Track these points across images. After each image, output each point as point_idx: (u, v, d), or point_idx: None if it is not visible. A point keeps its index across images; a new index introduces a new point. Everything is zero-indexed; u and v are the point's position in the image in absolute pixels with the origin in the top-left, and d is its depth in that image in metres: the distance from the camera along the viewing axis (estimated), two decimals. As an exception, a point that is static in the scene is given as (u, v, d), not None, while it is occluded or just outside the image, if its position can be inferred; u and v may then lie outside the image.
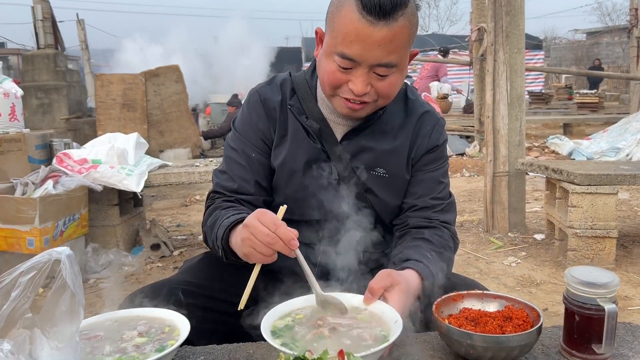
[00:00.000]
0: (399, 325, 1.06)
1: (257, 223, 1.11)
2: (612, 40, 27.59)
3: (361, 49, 1.21)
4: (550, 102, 13.59)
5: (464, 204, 5.27)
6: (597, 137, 7.77)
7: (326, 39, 1.30)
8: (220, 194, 1.43)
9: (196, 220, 5.19)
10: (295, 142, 1.42)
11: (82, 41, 13.30)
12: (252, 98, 1.48)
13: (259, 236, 1.10)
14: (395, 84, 1.31)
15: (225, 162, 1.47)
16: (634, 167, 3.61)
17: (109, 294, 3.20)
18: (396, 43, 1.22)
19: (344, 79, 1.28)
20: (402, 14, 1.20)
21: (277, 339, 1.06)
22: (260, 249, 1.11)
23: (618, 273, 3.32)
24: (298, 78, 1.50)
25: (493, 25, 3.98)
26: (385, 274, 1.19)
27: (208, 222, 1.38)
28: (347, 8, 1.21)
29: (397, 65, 1.26)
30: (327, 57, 1.29)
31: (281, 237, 1.09)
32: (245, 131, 1.45)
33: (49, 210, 3.09)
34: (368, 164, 1.43)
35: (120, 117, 8.70)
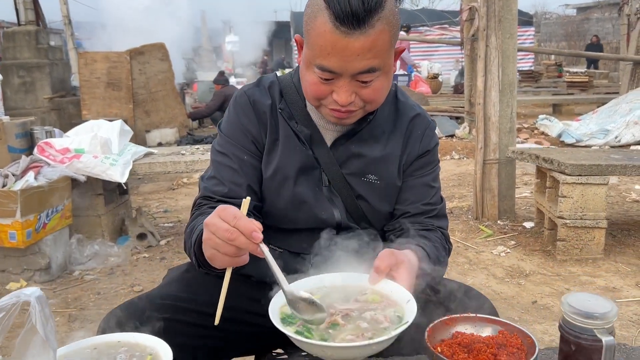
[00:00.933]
0: (413, 304, 1.04)
1: (217, 219, 1.01)
2: (603, 16, 27.46)
3: (339, 61, 1.15)
4: (540, 80, 13.55)
5: (454, 189, 5.26)
6: (586, 119, 7.76)
7: (304, 49, 1.24)
8: (208, 199, 1.36)
9: (183, 205, 5.13)
10: (287, 148, 1.37)
11: (65, 16, 12.94)
12: (240, 100, 1.41)
13: (219, 233, 0.99)
14: (381, 89, 1.25)
15: (214, 167, 1.40)
16: (624, 156, 3.59)
17: (94, 287, 3.15)
18: (376, 49, 1.15)
19: (327, 89, 1.22)
20: (379, 18, 1.13)
21: (288, 327, 1.02)
22: (223, 248, 1.01)
23: (606, 263, 3.33)
24: (285, 81, 1.44)
25: (485, 10, 3.90)
26: (388, 253, 1.15)
27: (188, 228, 1.31)
28: (321, 19, 1.14)
29: (380, 69, 1.20)
30: (307, 69, 1.23)
31: (242, 231, 0.98)
32: (234, 134, 1.39)
33: (31, 202, 3.02)
34: (359, 170, 1.39)
35: (105, 97, 8.53)
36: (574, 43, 26.16)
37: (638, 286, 3.02)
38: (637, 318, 2.66)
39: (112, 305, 2.89)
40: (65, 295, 3.02)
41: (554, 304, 2.84)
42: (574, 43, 26.16)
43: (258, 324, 1.43)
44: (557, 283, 3.09)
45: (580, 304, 1.06)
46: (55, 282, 3.20)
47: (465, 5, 7.05)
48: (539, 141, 7.11)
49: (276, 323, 1.01)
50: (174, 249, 3.74)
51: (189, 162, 3.56)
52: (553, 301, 2.87)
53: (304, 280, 1.19)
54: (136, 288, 3.09)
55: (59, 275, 3.27)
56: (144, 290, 3.07)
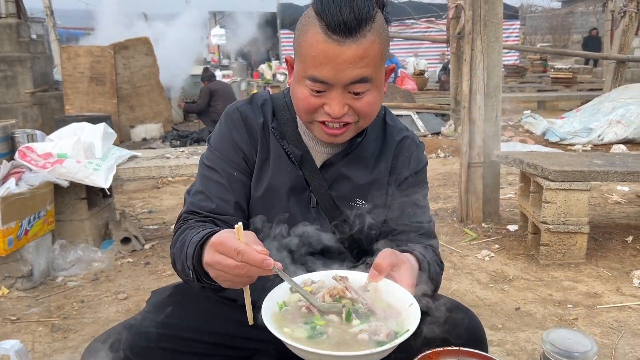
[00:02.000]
0: (415, 308, 1.03)
1: (219, 257, 1.01)
2: (587, 10, 27.68)
3: (331, 70, 1.17)
4: (525, 76, 13.64)
5: (439, 189, 5.28)
6: (570, 117, 7.84)
7: (296, 65, 1.26)
8: (195, 214, 1.34)
9: (168, 206, 5.10)
10: (279, 168, 1.37)
11: (47, 7, 12.71)
12: (233, 116, 1.40)
13: (228, 270, 1.00)
14: (374, 103, 1.26)
15: (201, 182, 1.38)
16: (606, 161, 3.63)
17: (78, 294, 3.13)
18: (367, 59, 1.17)
19: (319, 102, 1.23)
20: (370, 29, 1.15)
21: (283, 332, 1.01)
22: (237, 280, 1.02)
23: (588, 268, 3.38)
24: (278, 100, 1.44)
25: (471, 14, 3.90)
26: (389, 252, 1.15)
27: (177, 243, 1.28)
28: (312, 30, 1.17)
29: (371, 81, 1.21)
30: (299, 83, 1.24)
31: (251, 264, 0.98)
32: (225, 149, 1.38)
33: (12, 210, 2.97)
34: (347, 193, 1.40)
35: (88, 91, 8.42)
36: (558, 36, 26.37)
37: (619, 291, 3.07)
38: (618, 325, 2.70)
39: (96, 314, 2.88)
40: (48, 303, 2.99)
41: (537, 310, 2.87)
42: (558, 36, 26.37)
43: (245, 348, 1.43)
44: (540, 289, 3.12)
45: (560, 343, 1.08)
46: (37, 289, 3.17)
47: (451, 4, 7.06)
48: (524, 139, 7.16)
49: (272, 330, 0.99)
50: (158, 253, 3.72)
51: (174, 166, 3.53)
52: (536, 307, 2.90)
53: (303, 277, 1.18)
54: (120, 295, 3.07)
55: (42, 282, 3.24)
56: (128, 298, 3.05)
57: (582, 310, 2.85)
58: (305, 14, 1.22)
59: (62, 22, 22.61)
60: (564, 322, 2.74)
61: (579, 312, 2.83)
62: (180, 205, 5.05)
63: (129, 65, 8.68)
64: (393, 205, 1.45)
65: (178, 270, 1.28)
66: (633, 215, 4.37)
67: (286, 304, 1.12)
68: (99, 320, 2.80)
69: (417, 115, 8.03)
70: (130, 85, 8.71)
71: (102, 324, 2.75)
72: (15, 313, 2.87)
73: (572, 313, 2.82)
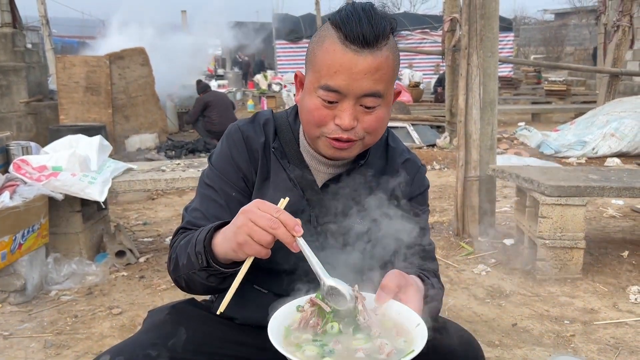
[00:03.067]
0: (423, 328, 1.03)
1: (257, 209, 1.07)
2: (580, 22, 27.94)
3: (347, 79, 1.18)
4: (519, 88, 13.72)
5: (435, 202, 5.28)
6: (564, 129, 7.88)
7: (308, 78, 1.26)
8: (191, 230, 1.34)
9: (163, 217, 5.07)
10: (279, 188, 1.37)
11: (42, 16, 12.72)
12: (234, 135, 1.41)
13: (260, 221, 1.05)
14: (383, 119, 1.27)
15: (200, 200, 1.39)
16: (601, 176, 3.64)
17: (71, 308, 3.09)
18: (381, 72, 1.19)
19: (330, 114, 1.23)
20: (385, 44, 1.19)
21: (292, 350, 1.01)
22: (259, 235, 1.05)
23: (585, 283, 3.38)
24: (280, 119, 1.45)
25: (467, 29, 3.92)
26: (397, 273, 1.15)
27: (178, 247, 1.29)
28: (329, 41, 1.19)
29: (383, 97, 1.23)
30: (310, 94, 1.24)
31: (284, 223, 1.05)
32: (224, 169, 1.39)
33: (6, 223, 2.94)
34: (347, 214, 1.40)
35: (83, 101, 8.39)
36: (552, 48, 26.57)
37: (615, 307, 3.07)
38: (615, 342, 2.69)
39: (90, 329, 2.85)
40: (41, 318, 2.96)
41: (533, 326, 2.86)
42: (552, 48, 26.57)
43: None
44: (537, 304, 3.12)
45: (564, 370, 1.07)
46: (30, 303, 3.13)
47: (446, 17, 7.11)
48: (519, 152, 7.19)
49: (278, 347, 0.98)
50: (153, 267, 3.69)
51: (169, 179, 3.51)
52: (533, 324, 2.89)
53: (306, 298, 1.17)
54: (114, 310, 3.04)
55: (35, 296, 3.20)
56: (122, 313, 3.02)
57: (579, 327, 2.84)
58: (322, 27, 1.25)
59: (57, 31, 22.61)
60: (561, 339, 2.73)
61: (576, 329, 2.82)
62: (175, 217, 5.03)
63: (124, 75, 8.67)
64: (393, 227, 1.44)
65: (179, 268, 1.28)
66: (628, 229, 4.38)
67: (291, 327, 1.11)
68: (93, 336, 2.76)
69: (412, 127, 8.05)
70: (126, 95, 8.70)
71: (96, 339, 2.72)
72: (8, 328, 2.83)
73: (569, 329, 2.81)
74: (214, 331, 1.42)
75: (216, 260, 1.17)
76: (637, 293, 3.19)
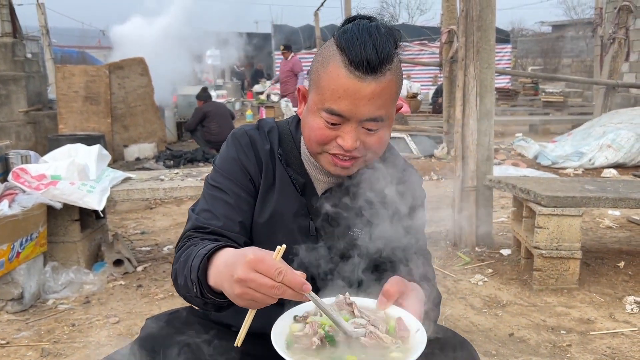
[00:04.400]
0: (422, 334, 1.04)
1: (255, 275, 0.97)
2: (577, 34, 28.12)
3: (350, 105, 1.20)
4: (516, 99, 13.79)
5: (432, 212, 5.29)
6: (562, 140, 7.92)
7: (311, 96, 1.28)
8: (200, 230, 1.33)
9: (161, 227, 5.08)
10: (284, 195, 1.40)
11: (43, 26, 12.78)
12: (241, 139, 1.42)
13: (262, 289, 0.97)
14: (384, 139, 1.30)
15: (208, 200, 1.39)
16: (598, 187, 3.67)
17: (69, 317, 3.09)
18: (384, 97, 1.21)
19: (332, 135, 1.26)
20: (389, 69, 1.20)
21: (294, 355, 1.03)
22: (264, 301, 0.99)
23: (581, 293, 3.38)
24: (283, 127, 1.47)
25: (464, 41, 3.96)
26: (398, 279, 1.17)
27: (181, 258, 1.27)
28: (334, 64, 1.20)
29: (385, 120, 1.25)
30: (313, 114, 1.26)
31: (290, 286, 0.97)
32: (232, 170, 1.39)
33: (4, 232, 2.95)
34: (346, 223, 1.42)
35: (82, 111, 8.43)
36: (549, 60, 26.71)
37: (612, 318, 3.08)
38: (611, 352, 2.70)
39: (87, 338, 2.85)
40: (38, 327, 2.96)
41: (530, 336, 2.87)
42: (549, 60, 26.71)
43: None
44: (534, 314, 3.12)
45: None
46: (28, 312, 3.13)
47: (444, 28, 7.17)
48: (516, 162, 7.22)
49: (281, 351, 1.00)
50: (150, 276, 3.70)
51: (168, 188, 3.53)
52: (529, 333, 2.90)
53: (309, 304, 1.18)
54: (112, 319, 3.04)
55: (32, 304, 3.20)
56: (119, 322, 3.02)
57: (575, 337, 2.85)
58: (326, 46, 1.26)
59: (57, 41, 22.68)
60: (558, 349, 2.73)
61: (573, 339, 2.83)
62: (173, 226, 5.04)
63: (123, 85, 8.71)
64: (390, 237, 1.46)
65: (179, 285, 1.25)
66: (624, 240, 4.40)
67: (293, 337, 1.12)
68: (90, 345, 2.76)
69: (410, 138, 8.09)
70: (125, 105, 8.73)
71: (93, 348, 2.72)
72: (5, 337, 2.83)
73: (565, 339, 2.82)
74: (211, 339, 1.42)
75: (212, 291, 1.11)
76: (634, 303, 3.20)
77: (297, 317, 1.15)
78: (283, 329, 1.11)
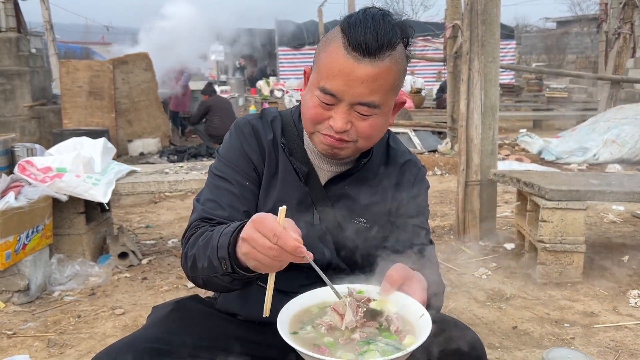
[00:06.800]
0: (427, 319, 1.05)
1: (256, 234, 1.02)
2: (582, 31, 28.00)
3: (343, 85, 1.20)
4: (520, 94, 13.75)
5: (436, 207, 5.30)
6: (566, 136, 7.90)
7: (312, 75, 1.30)
8: (207, 221, 1.33)
9: (165, 221, 5.09)
10: (287, 183, 1.40)
11: (47, 21, 12.78)
12: (244, 129, 1.43)
13: (261, 250, 1.01)
14: (377, 127, 1.29)
15: (212, 190, 1.39)
16: (602, 181, 3.66)
17: (74, 309, 3.11)
18: (379, 83, 1.20)
19: (325, 115, 1.26)
20: (389, 55, 1.19)
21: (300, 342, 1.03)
22: (266, 261, 1.03)
23: (585, 287, 3.39)
24: (286, 117, 1.48)
25: (469, 34, 3.96)
26: (401, 266, 1.17)
27: (199, 242, 1.26)
28: (334, 45, 1.21)
29: (379, 107, 1.24)
30: (310, 92, 1.27)
31: (285, 248, 1.00)
32: (236, 160, 1.40)
33: (11, 223, 2.97)
34: (349, 212, 1.43)
35: (86, 106, 8.44)
36: (554, 56, 26.62)
37: (615, 311, 3.08)
38: (615, 345, 2.70)
39: (93, 329, 2.87)
40: (44, 318, 2.98)
41: (534, 329, 2.87)
42: (554, 56, 26.62)
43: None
44: (537, 307, 3.13)
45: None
46: (34, 303, 3.15)
47: (448, 23, 7.16)
48: (520, 158, 7.21)
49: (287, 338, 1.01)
50: (155, 269, 3.71)
51: (173, 181, 3.54)
52: (533, 326, 2.90)
53: (312, 292, 1.20)
54: (117, 311, 3.05)
55: (38, 296, 3.22)
56: (125, 313, 3.04)
57: (579, 330, 2.85)
58: (332, 30, 1.28)
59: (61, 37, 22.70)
60: (561, 342, 2.74)
61: (576, 332, 2.83)
62: (177, 220, 5.05)
63: (127, 80, 8.72)
64: (394, 227, 1.47)
65: (199, 268, 1.25)
66: (629, 234, 4.40)
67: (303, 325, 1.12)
68: (96, 336, 2.78)
69: (413, 133, 8.08)
70: (129, 99, 8.74)
71: (98, 339, 2.74)
72: (12, 328, 2.85)
73: (569, 332, 2.83)
74: (217, 327, 1.43)
75: (241, 266, 1.14)
76: (637, 297, 3.20)
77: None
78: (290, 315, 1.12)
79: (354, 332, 1.07)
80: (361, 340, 1.05)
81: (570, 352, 1.03)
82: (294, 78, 18.86)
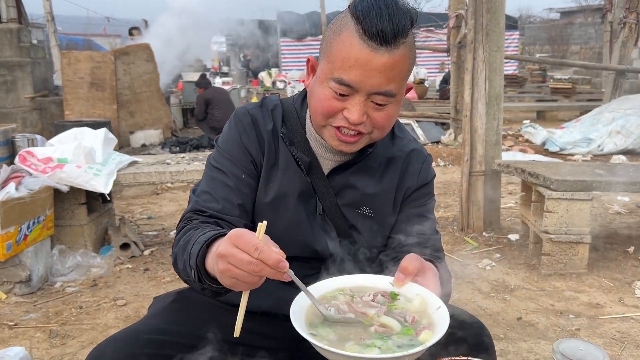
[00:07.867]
0: (445, 311, 1.02)
1: (235, 250, 0.96)
2: (585, 21, 27.83)
3: (360, 75, 1.16)
4: (524, 86, 13.68)
5: (439, 198, 5.27)
6: (570, 127, 7.84)
7: (321, 66, 1.25)
8: (199, 213, 1.32)
9: (167, 212, 5.08)
10: (288, 174, 1.37)
11: (48, 12, 12.73)
12: (243, 119, 1.39)
13: (241, 265, 0.95)
14: (392, 116, 1.26)
15: (208, 182, 1.37)
16: (608, 171, 3.62)
17: (76, 300, 3.10)
18: (396, 71, 1.18)
19: (339, 106, 1.22)
20: (403, 43, 1.16)
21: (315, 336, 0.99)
22: (245, 278, 0.97)
23: (590, 278, 3.36)
24: (287, 105, 1.44)
25: (473, 23, 3.91)
26: (414, 256, 1.14)
27: (181, 241, 1.25)
28: (347, 33, 1.17)
29: (395, 96, 1.22)
30: (322, 84, 1.23)
31: (266, 263, 0.95)
32: (233, 152, 1.37)
33: (12, 214, 2.95)
34: (354, 201, 1.40)
35: (88, 97, 8.41)
36: (557, 47, 26.49)
37: (621, 302, 3.05)
38: (620, 336, 2.68)
39: (95, 320, 2.85)
40: (46, 309, 2.96)
41: (538, 320, 2.85)
42: (557, 47, 26.49)
43: (249, 355, 1.41)
44: (542, 298, 3.10)
45: (572, 353, 1.06)
46: (35, 294, 3.14)
47: (452, 13, 7.09)
48: (524, 149, 7.17)
49: (303, 332, 0.98)
50: (157, 260, 3.70)
51: (174, 172, 3.51)
52: (538, 317, 2.88)
53: (325, 282, 1.17)
54: (119, 302, 3.04)
55: (40, 287, 3.21)
56: (126, 304, 3.03)
57: (584, 321, 2.83)
58: (340, 16, 1.23)
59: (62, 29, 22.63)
60: (566, 333, 2.72)
61: (581, 323, 2.81)
62: (179, 211, 5.03)
63: (129, 71, 8.68)
64: (400, 216, 1.44)
65: (179, 269, 1.25)
66: (634, 225, 4.36)
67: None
68: (98, 327, 2.77)
69: (417, 124, 8.04)
70: (131, 91, 8.71)
71: (100, 330, 2.73)
72: (13, 319, 2.84)
73: (574, 323, 2.80)
74: (218, 317, 1.41)
75: (210, 277, 1.10)
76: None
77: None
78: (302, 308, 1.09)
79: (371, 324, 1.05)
80: (376, 333, 1.02)
81: (581, 343, 1.00)
82: (295, 69, 18.79)
